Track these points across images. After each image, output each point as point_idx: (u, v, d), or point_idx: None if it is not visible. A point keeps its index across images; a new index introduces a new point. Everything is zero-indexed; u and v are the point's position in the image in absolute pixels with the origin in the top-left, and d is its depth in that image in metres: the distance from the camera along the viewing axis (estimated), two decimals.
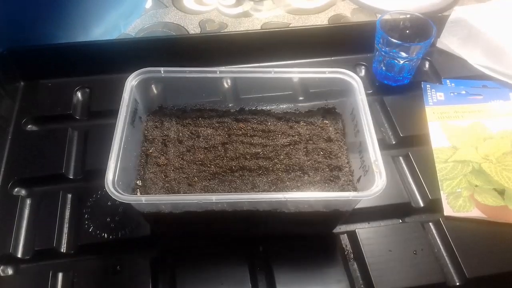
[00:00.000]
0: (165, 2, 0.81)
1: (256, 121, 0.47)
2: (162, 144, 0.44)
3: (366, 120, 0.41)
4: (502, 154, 0.51)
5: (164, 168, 0.42)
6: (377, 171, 0.37)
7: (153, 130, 0.45)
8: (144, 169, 0.42)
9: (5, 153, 0.50)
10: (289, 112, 0.48)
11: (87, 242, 0.43)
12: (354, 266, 0.43)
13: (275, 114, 0.48)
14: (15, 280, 0.41)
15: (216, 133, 0.45)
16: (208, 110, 0.47)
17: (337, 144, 0.45)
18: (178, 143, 0.44)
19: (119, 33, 0.73)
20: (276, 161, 0.43)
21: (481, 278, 0.42)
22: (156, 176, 0.41)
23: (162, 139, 0.44)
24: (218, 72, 0.44)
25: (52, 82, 0.57)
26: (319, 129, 0.46)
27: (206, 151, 0.43)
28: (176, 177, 0.41)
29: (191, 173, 0.41)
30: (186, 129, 0.45)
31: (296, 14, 0.80)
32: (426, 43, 0.54)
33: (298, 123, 0.47)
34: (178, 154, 0.43)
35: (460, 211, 0.46)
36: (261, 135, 0.45)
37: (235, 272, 0.41)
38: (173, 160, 0.42)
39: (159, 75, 0.43)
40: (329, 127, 0.47)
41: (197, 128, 0.45)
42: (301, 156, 0.44)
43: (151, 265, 0.41)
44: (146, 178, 0.41)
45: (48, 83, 0.57)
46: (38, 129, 0.53)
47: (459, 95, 0.58)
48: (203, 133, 0.45)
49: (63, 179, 0.48)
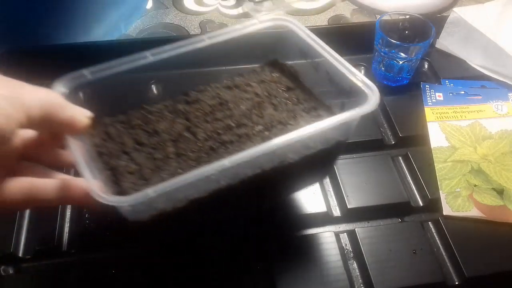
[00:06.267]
0: (166, 3, 0.81)
1: (208, 98, 0.42)
2: (123, 153, 0.38)
3: (324, 48, 0.39)
4: (501, 154, 0.51)
5: (139, 174, 0.36)
6: (362, 85, 0.36)
7: (103, 144, 0.38)
8: (118, 183, 0.35)
9: None
10: (235, 79, 0.45)
11: (88, 241, 0.43)
12: (354, 265, 0.43)
13: (223, 85, 0.44)
14: (16, 279, 0.41)
15: (174, 122, 0.40)
16: (151, 104, 0.42)
17: (299, 89, 0.43)
18: (139, 145, 0.38)
19: (120, 34, 0.74)
20: (251, 125, 0.40)
21: (480, 277, 0.42)
22: (135, 184, 0.35)
23: (119, 148, 0.38)
24: (150, 55, 0.39)
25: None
26: (273, 84, 0.44)
27: (175, 143, 0.38)
28: (159, 177, 0.35)
29: (172, 167, 0.36)
30: (138, 130, 0.40)
31: (296, 15, 0.80)
32: (425, 43, 0.55)
33: (249, 86, 0.44)
34: (146, 156, 0.37)
35: (459, 210, 0.46)
36: (221, 109, 0.41)
37: (235, 271, 0.41)
38: (144, 163, 0.37)
39: (85, 80, 0.37)
40: (282, 78, 0.45)
41: (150, 125, 0.40)
42: (273, 112, 0.41)
43: (151, 265, 0.42)
44: (126, 189, 0.34)
45: (48, 83, 0.57)
46: None
47: (458, 96, 0.58)
48: (160, 127, 0.40)
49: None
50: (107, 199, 0.29)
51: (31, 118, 0.27)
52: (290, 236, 0.44)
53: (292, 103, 0.42)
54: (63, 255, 0.43)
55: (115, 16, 0.71)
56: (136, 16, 0.77)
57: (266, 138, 0.38)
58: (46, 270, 0.42)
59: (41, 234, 0.44)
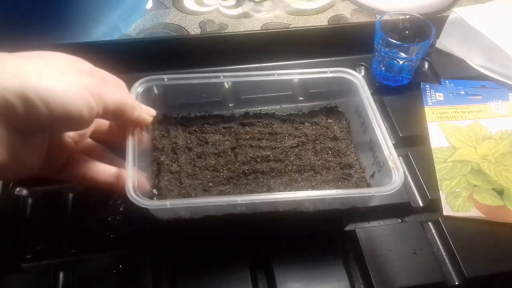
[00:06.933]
0: (166, 3, 0.81)
1: (262, 125, 0.47)
2: (172, 152, 0.44)
3: (374, 116, 0.42)
4: (501, 154, 0.51)
5: (177, 176, 0.42)
6: (393, 166, 0.38)
7: (160, 139, 0.44)
8: (158, 177, 0.41)
9: None
10: (293, 113, 0.48)
11: (89, 241, 0.44)
12: (354, 266, 0.43)
13: (279, 116, 0.48)
14: (17, 279, 0.41)
15: (224, 138, 0.45)
16: (212, 116, 0.47)
17: (344, 142, 0.46)
18: (188, 150, 0.44)
19: (120, 33, 0.74)
20: (287, 162, 0.43)
21: (480, 277, 0.42)
22: (171, 184, 0.41)
23: (171, 147, 0.44)
24: (222, 77, 0.44)
25: None
26: (324, 128, 0.47)
27: (217, 157, 0.44)
28: (191, 184, 0.41)
29: (205, 179, 0.42)
30: (193, 136, 0.45)
31: (296, 15, 0.80)
32: (425, 43, 0.55)
33: (303, 124, 0.47)
34: (189, 161, 0.43)
35: (459, 211, 0.46)
36: (269, 138, 0.46)
37: (236, 272, 0.41)
38: (185, 167, 0.42)
39: (163, 83, 0.43)
40: (334, 126, 0.47)
41: (204, 134, 0.45)
42: (311, 156, 0.44)
43: (152, 265, 0.42)
44: (162, 186, 0.41)
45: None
46: None
47: (458, 96, 0.58)
48: (211, 139, 0.45)
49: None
50: (133, 197, 0.34)
51: (106, 112, 0.33)
52: (290, 236, 0.44)
53: (332, 154, 0.45)
54: (63, 255, 0.43)
55: (115, 16, 0.71)
56: (136, 16, 0.77)
57: (293, 180, 0.42)
58: (46, 270, 0.42)
59: (42, 234, 0.44)
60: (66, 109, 0.30)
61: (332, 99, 0.48)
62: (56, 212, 0.45)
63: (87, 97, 0.31)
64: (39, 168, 0.34)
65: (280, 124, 0.47)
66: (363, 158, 0.44)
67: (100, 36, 0.69)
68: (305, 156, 0.44)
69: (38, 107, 0.29)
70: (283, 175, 0.42)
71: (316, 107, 0.49)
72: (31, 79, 0.29)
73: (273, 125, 0.47)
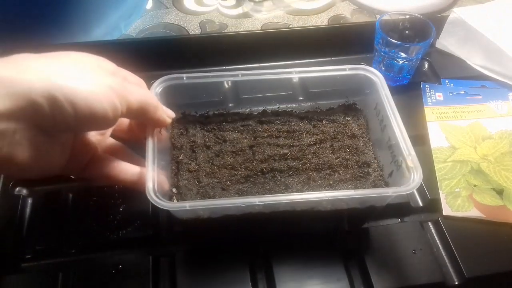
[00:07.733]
0: (166, 3, 0.81)
1: (280, 122, 0.47)
2: (191, 151, 0.44)
3: (393, 114, 0.41)
4: (501, 154, 0.51)
5: (196, 174, 0.42)
6: (412, 166, 0.37)
7: (179, 137, 0.45)
8: (177, 176, 0.42)
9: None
10: (311, 111, 0.48)
11: (89, 241, 0.44)
12: (354, 266, 0.43)
13: (297, 114, 0.48)
14: (17, 279, 0.41)
15: (242, 136, 0.45)
16: (231, 114, 0.47)
17: (362, 140, 0.46)
18: (206, 148, 0.44)
19: (120, 33, 0.74)
20: (304, 160, 0.43)
21: (480, 277, 0.42)
22: (190, 183, 0.41)
23: (189, 145, 0.44)
24: (240, 75, 0.44)
25: None
26: (342, 126, 0.47)
27: (235, 155, 0.44)
28: (209, 182, 0.41)
29: (223, 177, 0.42)
30: (211, 134, 0.46)
31: (296, 15, 0.80)
32: (425, 43, 0.55)
33: (321, 122, 0.47)
34: (208, 159, 0.43)
35: (459, 210, 0.46)
36: (286, 136, 0.46)
37: (235, 271, 0.41)
38: (203, 165, 0.43)
39: (181, 82, 0.44)
40: (352, 124, 0.47)
41: (222, 132, 0.46)
42: (329, 154, 0.44)
43: (152, 264, 0.42)
44: (181, 185, 0.41)
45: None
46: None
47: (458, 95, 0.58)
48: (229, 138, 0.45)
49: (64, 178, 0.48)
50: (154, 199, 0.34)
51: (130, 111, 0.34)
52: (290, 235, 0.44)
53: (350, 152, 0.45)
54: (63, 255, 0.43)
55: (115, 16, 0.71)
56: (136, 16, 0.77)
57: (311, 179, 0.42)
58: (46, 270, 0.42)
59: (41, 234, 0.44)
60: (91, 109, 0.30)
61: (351, 96, 0.48)
62: (56, 212, 0.45)
63: (112, 97, 0.32)
64: (63, 167, 0.34)
65: (298, 122, 0.47)
66: (381, 157, 0.44)
67: (100, 36, 0.69)
68: (323, 154, 0.44)
69: (64, 107, 0.29)
70: (301, 174, 0.42)
71: (334, 104, 0.48)
72: (57, 80, 0.29)
73: (290, 123, 0.47)
